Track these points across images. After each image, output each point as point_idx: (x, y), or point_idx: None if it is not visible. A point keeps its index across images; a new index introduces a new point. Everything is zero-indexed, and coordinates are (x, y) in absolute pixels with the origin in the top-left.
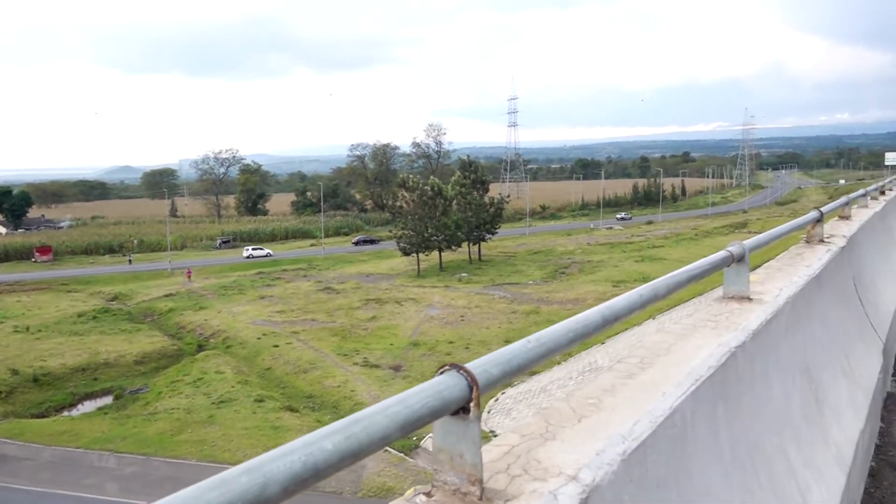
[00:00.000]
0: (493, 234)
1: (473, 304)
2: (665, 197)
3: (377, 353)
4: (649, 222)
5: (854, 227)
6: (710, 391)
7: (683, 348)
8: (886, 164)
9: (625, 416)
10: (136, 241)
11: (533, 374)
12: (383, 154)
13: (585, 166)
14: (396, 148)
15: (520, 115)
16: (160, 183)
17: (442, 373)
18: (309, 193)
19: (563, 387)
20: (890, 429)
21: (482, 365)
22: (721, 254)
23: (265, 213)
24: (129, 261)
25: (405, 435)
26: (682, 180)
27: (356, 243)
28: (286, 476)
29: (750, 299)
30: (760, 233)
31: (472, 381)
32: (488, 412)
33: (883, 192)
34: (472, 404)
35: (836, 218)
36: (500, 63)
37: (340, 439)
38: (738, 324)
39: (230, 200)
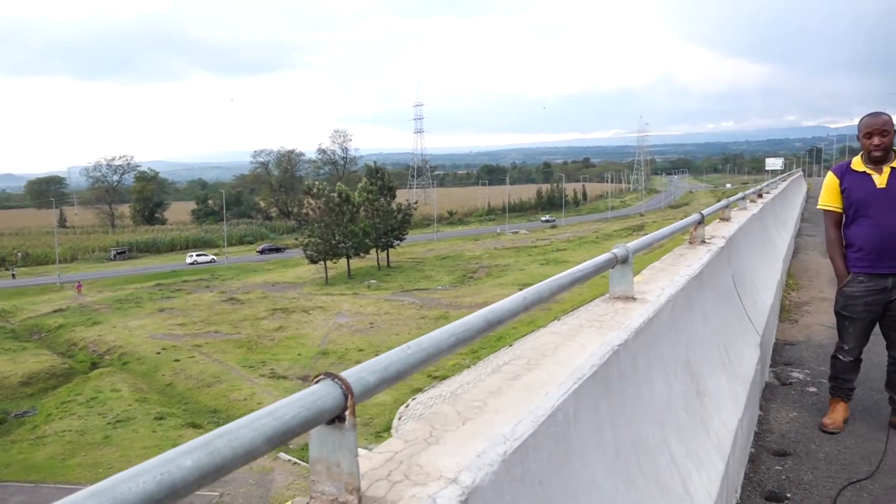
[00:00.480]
0: (401, 240)
1: (383, 310)
2: (567, 201)
3: (285, 363)
4: (553, 226)
5: (733, 228)
6: (593, 389)
7: (569, 348)
8: (767, 168)
9: (508, 417)
10: (19, 254)
11: (443, 378)
12: (288, 161)
13: (491, 172)
14: (302, 154)
15: (426, 122)
16: (47, 192)
17: (317, 382)
18: (210, 201)
19: (473, 389)
20: (768, 416)
21: (358, 373)
22: (605, 256)
23: (163, 222)
24: (13, 275)
25: (275, 448)
26: (584, 185)
27: (261, 252)
28: (139, 497)
29: (634, 299)
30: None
31: (347, 390)
32: (399, 419)
33: (760, 195)
34: (347, 413)
35: (718, 220)
36: (407, 69)
37: (201, 455)
38: (621, 323)
39: (125, 210)
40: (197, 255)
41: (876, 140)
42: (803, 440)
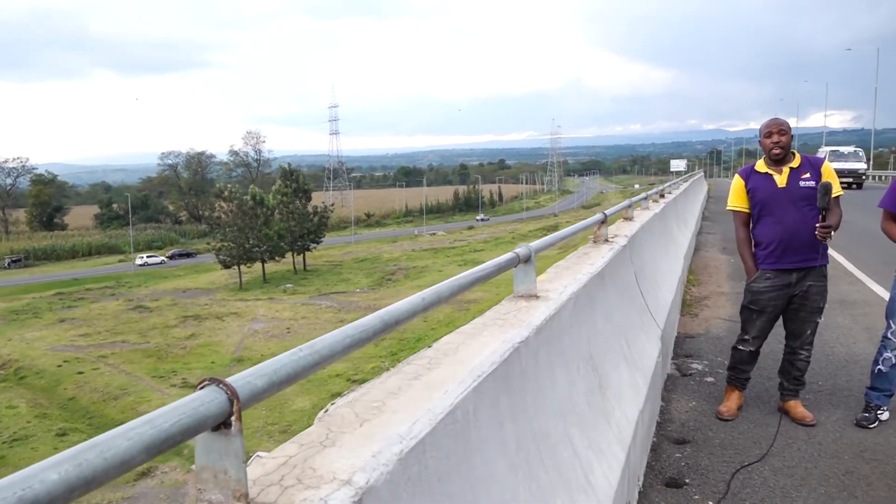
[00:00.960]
0: (317, 243)
1: (300, 315)
2: (484, 203)
3: (197, 372)
4: (470, 227)
5: (636, 227)
6: (494, 386)
7: (470, 347)
8: (672, 169)
9: (406, 417)
10: None
11: (363, 381)
12: (198, 163)
13: (408, 174)
14: (213, 156)
15: (342, 123)
16: None
17: (202, 388)
18: (115, 205)
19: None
20: (669, 407)
21: (245, 377)
22: (508, 255)
23: (63, 227)
24: None
25: (153, 457)
26: (499, 186)
27: (171, 257)
28: None
29: (537, 297)
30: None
31: (232, 395)
32: (318, 422)
33: (662, 196)
34: (233, 418)
35: (621, 219)
36: (321, 70)
37: (69, 468)
38: (523, 320)
39: (20, 215)
40: (148, 257)
41: (775, 138)
42: (701, 428)
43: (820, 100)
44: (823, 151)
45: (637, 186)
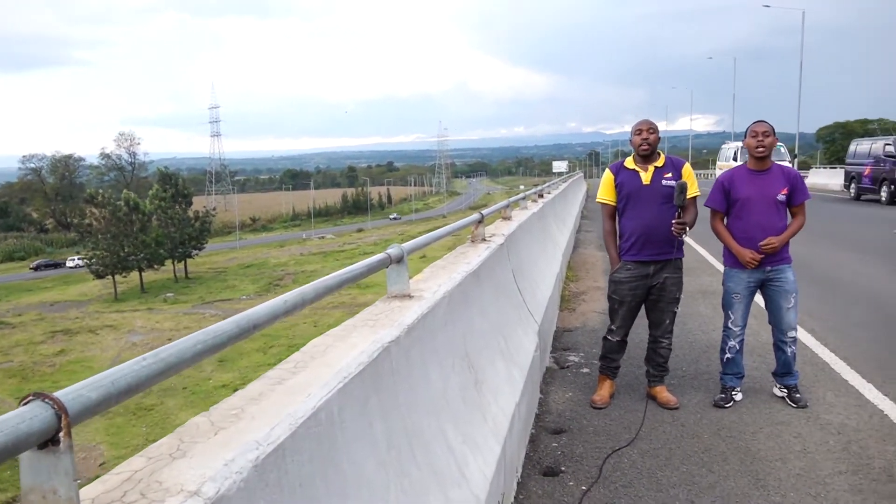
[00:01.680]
0: (200, 249)
1: (182, 325)
2: (373, 205)
3: None
4: (359, 230)
5: (513, 226)
6: (361, 386)
7: (339, 349)
8: (554, 171)
9: (264, 423)
10: None
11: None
12: (65, 167)
13: (295, 177)
14: (81, 160)
15: (223, 125)
16: None
17: (25, 403)
18: None
19: (232, 397)
20: (547, 399)
21: (76, 390)
22: (379, 256)
23: None
24: None
25: None
26: (388, 189)
27: (35, 268)
28: None
29: (411, 297)
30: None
31: (59, 410)
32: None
33: (541, 196)
34: (61, 434)
35: (501, 219)
36: (200, 70)
37: None
38: (395, 320)
39: None
40: (79, 259)
41: (644, 135)
42: (577, 417)
43: (688, 105)
44: (733, 147)
45: (522, 187)
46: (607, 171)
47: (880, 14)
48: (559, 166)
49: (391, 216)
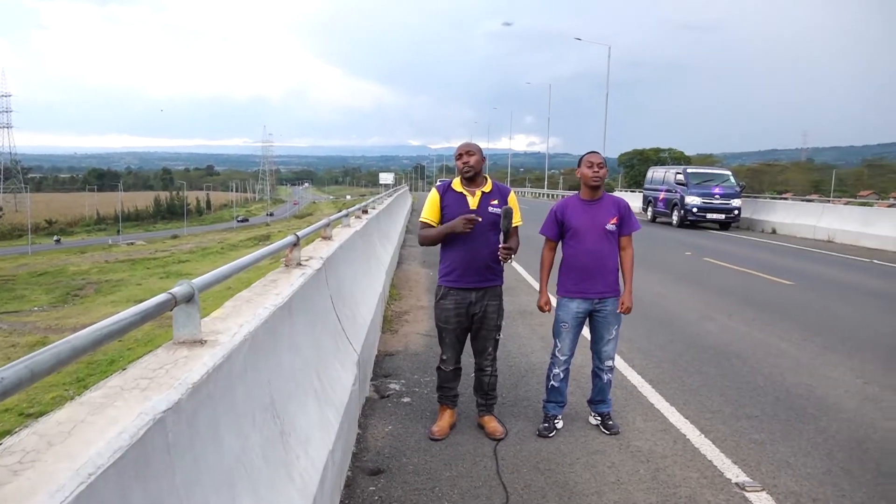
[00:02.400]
0: None
1: None
2: (190, 210)
3: None
4: (174, 236)
5: (334, 246)
6: (118, 481)
7: (92, 427)
8: (381, 182)
9: None
10: None
11: (40, 414)
12: None
13: (101, 177)
14: None
15: (16, 116)
16: None
17: None
18: None
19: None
20: (366, 434)
21: None
22: (161, 297)
23: None
24: None
25: None
26: (207, 194)
27: None
28: None
29: (203, 342)
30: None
31: None
32: None
33: (366, 212)
34: None
35: (320, 238)
36: None
37: None
38: (177, 378)
39: None
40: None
41: (465, 158)
42: (396, 455)
43: (515, 125)
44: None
45: (349, 197)
46: (434, 190)
47: (701, 53)
48: (386, 178)
49: (237, 218)
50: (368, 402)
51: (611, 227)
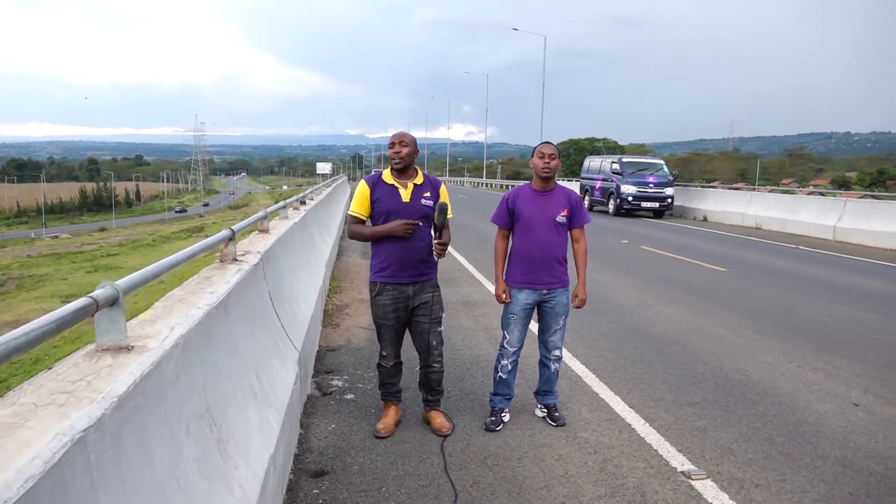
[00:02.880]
0: None
1: None
2: (119, 202)
3: None
4: (102, 229)
5: (271, 240)
6: None
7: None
8: (318, 172)
9: None
10: None
11: None
12: None
13: (21, 167)
14: None
15: None
16: None
17: None
18: None
19: None
20: (308, 434)
21: None
22: (81, 302)
23: None
24: None
25: None
26: (137, 184)
27: None
28: None
29: (130, 349)
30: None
31: None
32: None
33: (304, 203)
34: None
35: (257, 231)
36: None
37: None
38: (100, 390)
39: None
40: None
41: (396, 148)
42: (340, 454)
43: (453, 115)
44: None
45: (285, 187)
46: (363, 182)
47: (638, 46)
48: (323, 168)
49: (176, 209)
50: (310, 400)
51: (561, 218)
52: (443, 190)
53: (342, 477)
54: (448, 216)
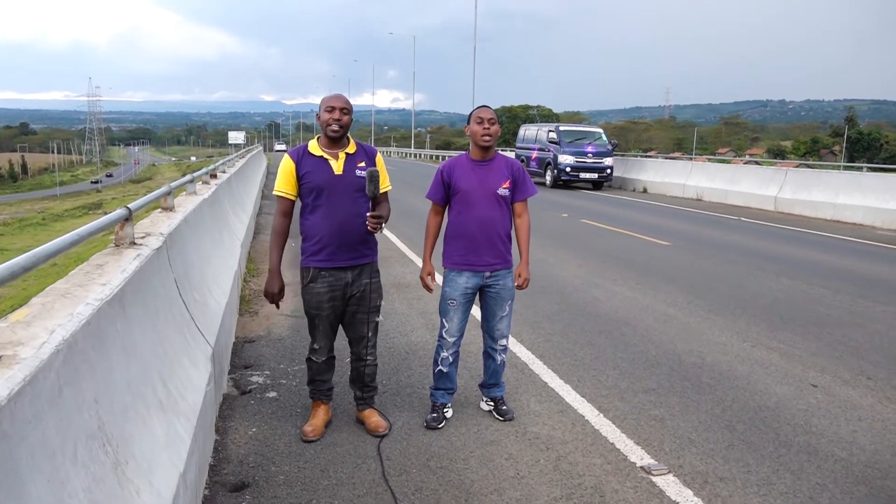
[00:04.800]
0: None
1: None
2: (2, 176)
3: None
4: None
5: (177, 219)
6: None
7: None
8: (230, 142)
9: None
10: None
11: None
12: None
13: None
14: None
15: None
16: None
17: None
18: None
19: None
20: (226, 440)
21: None
22: None
23: None
24: None
25: None
26: (23, 156)
27: None
28: None
29: None
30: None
31: None
32: None
33: (214, 176)
34: None
35: (159, 210)
36: None
37: None
38: None
39: None
40: None
41: (336, 114)
42: (263, 463)
43: (378, 80)
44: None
45: (193, 159)
46: (286, 157)
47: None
48: (236, 137)
49: (93, 180)
50: (227, 401)
51: (503, 191)
52: (379, 160)
53: (266, 489)
54: (386, 188)
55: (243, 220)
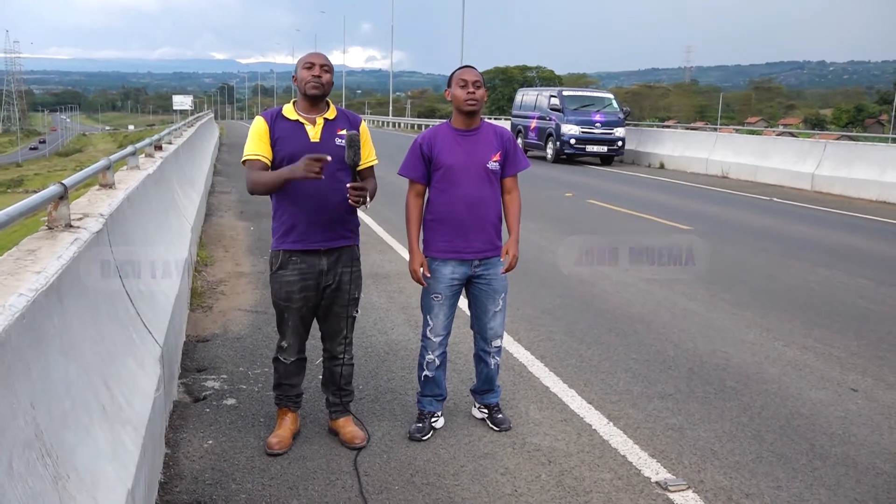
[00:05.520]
0: None
1: None
2: None
3: None
4: None
5: (118, 198)
6: None
7: None
8: (175, 108)
9: None
10: None
11: None
12: None
13: None
14: None
15: None
16: None
17: None
18: None
19: None
20: (177, 454)
21: None
22: None
23: None
24: None
25: None
26: None
27: None
28: None
29: None
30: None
31: None
32: None
33: (160, 147)
34: None
35: (97, 187)
36: None
37: None
38: None
39: None
40: None
41: (317, 71)
42: (222, 479)
43: (350, 36)
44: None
45: (132, 128)
46: (259, 118)
47: None
48: (182, 102)
49: (31, 146)
50: (178, 409)
51: (493, 164)
52: (364, 128)
53: None
54: (372, 161)
55: (193, 199)
